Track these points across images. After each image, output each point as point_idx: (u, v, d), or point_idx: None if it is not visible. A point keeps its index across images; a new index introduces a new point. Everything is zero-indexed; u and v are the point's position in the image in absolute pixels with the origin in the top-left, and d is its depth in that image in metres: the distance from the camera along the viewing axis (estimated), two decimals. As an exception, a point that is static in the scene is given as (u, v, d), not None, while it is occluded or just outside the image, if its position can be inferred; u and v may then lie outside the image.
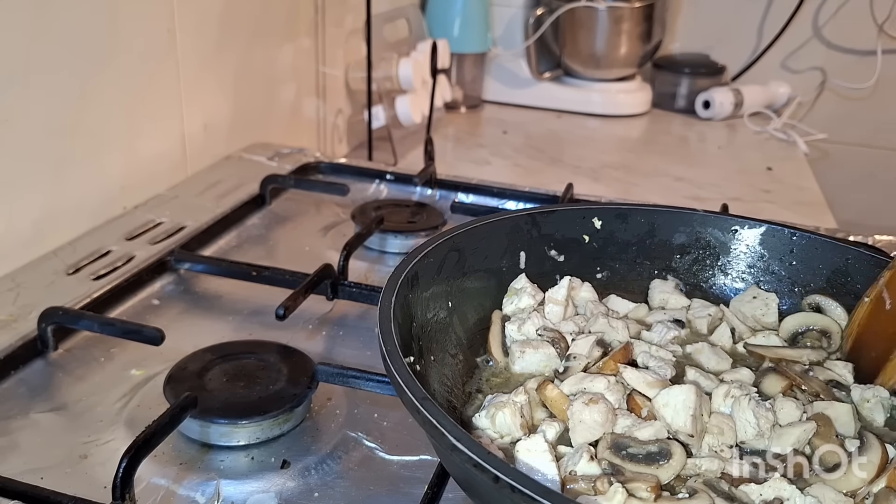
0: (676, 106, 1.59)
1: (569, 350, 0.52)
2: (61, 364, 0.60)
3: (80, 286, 0.68)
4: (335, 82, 1.29)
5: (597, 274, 0.62)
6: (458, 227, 0.56)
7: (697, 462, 0.43)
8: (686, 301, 0.60)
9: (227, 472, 0.50)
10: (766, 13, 1.64)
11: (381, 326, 0.43)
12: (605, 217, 0.62)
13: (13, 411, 0.55)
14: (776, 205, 1.14)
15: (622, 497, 0.39)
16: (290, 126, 1.18)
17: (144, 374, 0.59)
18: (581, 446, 0.43)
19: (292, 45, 1.15)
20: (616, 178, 1.22)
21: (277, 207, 0.92)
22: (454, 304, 0.54)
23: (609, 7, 1.45)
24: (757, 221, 0.62)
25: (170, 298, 0.71)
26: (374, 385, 0.54)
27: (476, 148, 1.37)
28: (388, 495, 0.49)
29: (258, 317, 0.68)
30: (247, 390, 0.54)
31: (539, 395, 0.48)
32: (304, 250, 0.83)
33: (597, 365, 0.50)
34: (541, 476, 0.41)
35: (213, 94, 0.98)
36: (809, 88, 1.65)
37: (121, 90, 0.82)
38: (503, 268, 0.59)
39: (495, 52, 1.55)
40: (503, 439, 0.45)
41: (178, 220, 0.82)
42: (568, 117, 1.53)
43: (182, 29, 0.89)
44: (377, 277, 0.77)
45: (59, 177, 0.76)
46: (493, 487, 0.33)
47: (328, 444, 0.53)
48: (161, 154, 0.90)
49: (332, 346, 0.65)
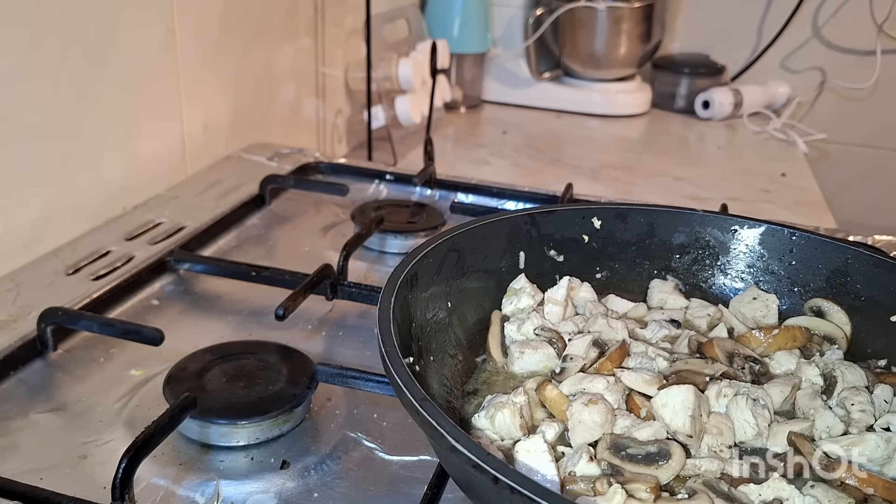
0: (676, 106, 1.59)
1: (565, 350, 0.52)
2: (61, 364, 0.60)
3: (79, 286, 0.68)
4: (335, 82, 1.29)
5: (596, 274, 0.62)
6: (457, 228, 0.56)
7: (697, 462, 0.43)
8: (685, 301, 0.60)
9: (227, 472, 0.50)
10: (765, 13, 1.64)
11: (380, 327, 0.43)
12: (604, 217, 0.62)
13: (13, 411, 0.55)
14: (776, 205, 1.14)
15: (621, 498, 0.39)
16: (290, 126, 1.18)
17: (144, 374, 0.59)
18: (580, 447, 0.43)
19: (292, 45, 1.15)
20: (616, 178, 1.22)
21: (277, 207, 0.92)
22: (453, 305, 0.54)
23: (609, 7, 1.45)
24: (756, 221, 0.62)
25: (169, 299, 0.71)
26: (374, 385, 0.54)
27: (476, 148, 1.37)
28: (387, 495, 0.49)
29: (258, 317, 0.68)
30: (246, 390, 0.54)
31: (538, 395, 0.48)
32: (303, 250, 0.83)
33: (594, 366, 0.50)
34: (540, 477, 0.41)
35: (212, 94, 0.98)
36: (809, 88, 1.65)
37: (121, 90, 0.82)
38: (503, 268, 0.59)
39: (495, 52, 1.55)
40: (503, 441, 0.45)
41: (178, 220, 0.82)
42: (568, 117, 1.53)
43: (182, 29, 0.89)
44: (377, 277, 0.77)
45: (59, 177, 0.76)
46: (493, 488, 0.33)
47: (328, 444, 0.53)
48: (161, 154, 0.90)
49: (332, 347, 0.65)
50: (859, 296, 0.57)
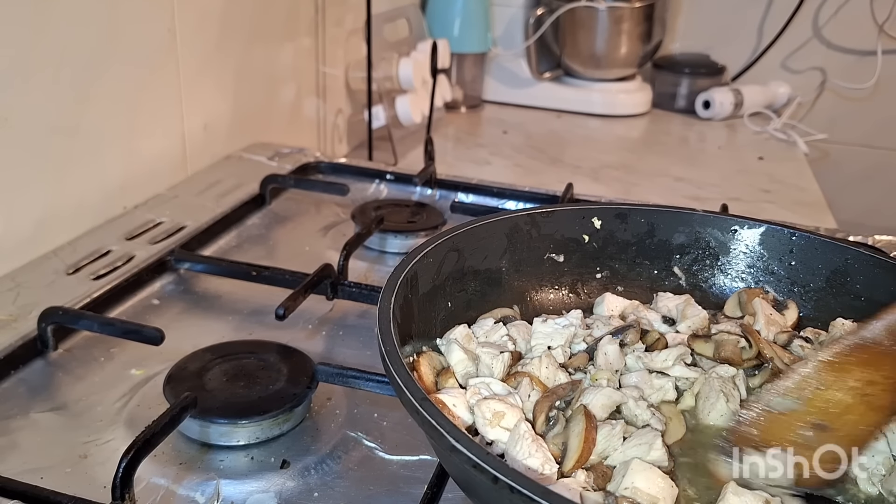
0: (676, 106, 1.59)
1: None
2: (61, 364, 0.60)
3: (79, 286, 0.68)
4: (335, 82, 1.29)
5: (596, 274, 0.62)
6: (457, 227, 0.56)
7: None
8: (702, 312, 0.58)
9: (227, 471, 0.50)
10: (766, 13, 1.64)
11: (380, 326, 0.43)
12: (604, 217, 0.62)
13: (13, 411, 0.55)
14: (776, 205, 1.14)
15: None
16: (290, 126, 1.18)
17: (144, 373, 0.59)
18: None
19: (292, 44, 1.15)
20: (616, 178, 1.22)
21: (277, 207, 0.92)
22: (453, 305, 0.54)
23: (609, 7, 1.45)
24: (756, 221, 0.62)
25: (170, 298, 0.71)
26: (374, 385, 0.54)
27: (476, 148, 1.37)
28: (387, 495, 0.49)
29: (258, 317, 0.68)
30: (247, 390, 0.54)
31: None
32: (303, 250, 0.83)
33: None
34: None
35: (213, 94, 0.98)
36: (809, 88, 1.65)
37: (121, 90, 0.82)
38: (503, 268, 0.59)
39: (495, 52, 1.55)
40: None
41: (178, 219, 0.82)
42: (568, 117, 1.53)
43: (182, 29, 0.89)
44: (377, 277, 0.77)
45: (59, 177, 0.76)
46: (492, 488, 0.33)
47: (328, 443, 0.53)
48: (161, 154, 0.90)
49: (332, 346, 0.65)
50: (859, 296, 0.57)
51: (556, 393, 0.46)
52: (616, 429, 0.44)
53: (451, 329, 0.51)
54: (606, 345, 0.51)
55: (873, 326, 0.45)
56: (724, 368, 0.50)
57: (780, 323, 0.56)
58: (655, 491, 0.40)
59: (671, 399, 0.49)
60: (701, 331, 0.55)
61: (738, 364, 0.51)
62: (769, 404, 0.44)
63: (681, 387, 0.50)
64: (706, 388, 0.49)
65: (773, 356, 0.51)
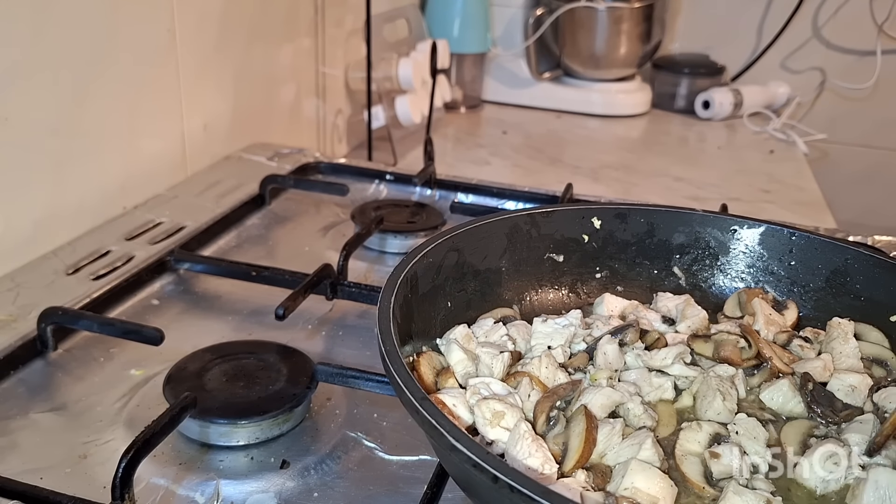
0: (676, 106, 1.59)
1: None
2: (61, 364, 0.60)
3: (79, 286, 0.68)
4: (335, 82, 1.29)
5: (596, 274, 0.62)
6: (457, 227, 0.56)
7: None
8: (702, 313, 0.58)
9: (227, 472, 0.50)
10: (765, 13, 1.64)
11: (380, 326, 0.43)
12: (604, 217, 0.62)
13: (13, 411, 0.55)
14: (776, 205, 1.14)
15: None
16: (290, 126, 1.18)
17: (144, 374, 0.59)
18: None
19: (292, 45, 1.15)
20: (615, 178, 1.22)
21: (277, 207, 0.92)
22: (453, 304, 0.54)
23: (609, 7, 1.45)
24: (756, 221, 0.62)
25: (169, 298, 0.71)
26: (374, 385, 0.54)
27: (476, 148, 1.37)
28: (387, 495, 0.49)
29: (258, 317, 0.68)
30: (246, 390, 0.54)
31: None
32: (303, 250, 0.83)
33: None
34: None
35: (212, 94, 0.98)
36: (809, 88, 1.65)
37: (121, 90, 0.82)
38: (503, 268, 0.59)
39: (495, 52, 1.55)
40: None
41: (178, 220, 0.82)
42: (568, 117, 1.53)
43: (182, 29, 0.89)
44: (377, 277, 0.77)
45: (59, 177, 0.76)
46: (493, 487, 0.33)
47: (328, 444, 0.53)
48: (161, 154, 0.90)
49: (332, 346, 0.65)
50: (859, 296, 0.57)
51: (556, 393, 0.46)
52: (616, 428, 0.44)
53: (451, 329, 0.51)
54: (606, 344, 0.51)
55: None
56: (723, 368, 0.51)
57: (780, 323, 0.56)
58: (655, 491, 0.40)
59: (669, 398, 0.49)
60: (700, 331, 0.55)
61: (738, 364, 0.51)
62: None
63: (680, 386, 0.50)
64: (704, 387, 0.49)
65: (773, 356, 0.51)
